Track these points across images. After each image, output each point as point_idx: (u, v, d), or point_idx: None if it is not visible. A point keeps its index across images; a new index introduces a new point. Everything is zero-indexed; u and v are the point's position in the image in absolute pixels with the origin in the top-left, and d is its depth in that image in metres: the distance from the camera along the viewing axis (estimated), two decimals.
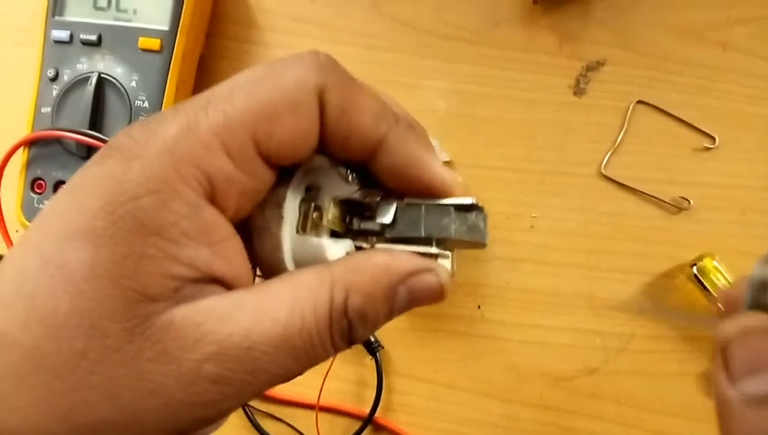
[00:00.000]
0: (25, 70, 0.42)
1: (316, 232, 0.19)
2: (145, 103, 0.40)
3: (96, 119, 0.40)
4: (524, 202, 0.41)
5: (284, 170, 0.19)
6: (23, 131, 0.41)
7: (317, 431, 0.40)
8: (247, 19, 0.45)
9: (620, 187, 0.41)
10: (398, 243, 0.19)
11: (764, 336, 0.19)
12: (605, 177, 0.41)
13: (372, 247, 0.20)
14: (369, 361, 0.41)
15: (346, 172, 0.19)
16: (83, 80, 0.40)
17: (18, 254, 0.17)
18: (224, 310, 0.17)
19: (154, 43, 0.40)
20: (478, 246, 0.19)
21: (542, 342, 0.40)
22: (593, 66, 0.42)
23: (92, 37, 0.40)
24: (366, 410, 0.41)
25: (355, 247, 0.20)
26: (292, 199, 0.19)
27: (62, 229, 0.16)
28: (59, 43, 0.41)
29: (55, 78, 0.41)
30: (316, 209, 0.20)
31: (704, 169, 0.40)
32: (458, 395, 0.41)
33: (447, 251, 0.19)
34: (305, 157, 0.19)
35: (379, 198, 0.20)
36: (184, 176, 0.16)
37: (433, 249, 0.19)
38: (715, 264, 0.38)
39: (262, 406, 0.42)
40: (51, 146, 0.41)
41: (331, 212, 0.20)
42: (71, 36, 0.41)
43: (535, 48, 0.42)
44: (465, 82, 0.43)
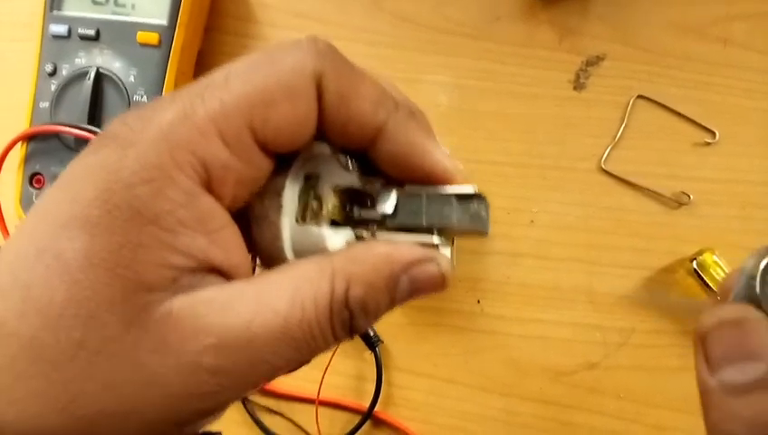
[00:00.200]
0: (24, 65, 0.42)
1: (316, 221, 0.19)
2: (143, 98, 0.40)
3: (94, 113, 0.40)
4: (525, 197, 0.41)
5: (283, 159, 0.19)
6: (21, 126, 0.41)
7: (317, 426, 0.40)
8: (246, 14, 0.45)
9: (620, 181, 0.41)
10: (399, 232, 0.19)
11: (741, 326, 0.19)
12: (605, 171, 0.41)
13: (372, 236, 0.19)
14: (369, 355, 0.41)
15: (346, 160, 0.19)
16: (82, 74, 0.40)
17: (14, 244, 0.17)
18: (223, 300, 0.17)
19: (152, 37, 0.40)
20: (480, 234, 0.19)
21: (542, 336, 0.40)
22: (593, 61, 0.42)
23: (91, 32, 0.40)
24: (366, 404, 0.40)
25: (355, 236, 0.20)
26: (291, 188, 0.19)
27: (57, 218, 0.16)
28: (57, 37, 0.41)
29: (53, 73, 0.41)
30: (315, 198, 0.19)
31: (704, 163, 0.40)
32: (458, 390, 0.41)
33: (448, 240, 0.19)
34: (303, 144, 0.18)
35: (379, 187, 0.19)
36: (179, 163, 0.16)
37: (434, 239, 0.19)
38: (715, 258, 0.38)
39: (261, 400, 0.42)
40: (49, 141, 0.40)
41: (330, 201, 0.19)
42: (69, 31, 0.40)
43: (535, 43, 0.42)
44: (466, 76, 0.42)
